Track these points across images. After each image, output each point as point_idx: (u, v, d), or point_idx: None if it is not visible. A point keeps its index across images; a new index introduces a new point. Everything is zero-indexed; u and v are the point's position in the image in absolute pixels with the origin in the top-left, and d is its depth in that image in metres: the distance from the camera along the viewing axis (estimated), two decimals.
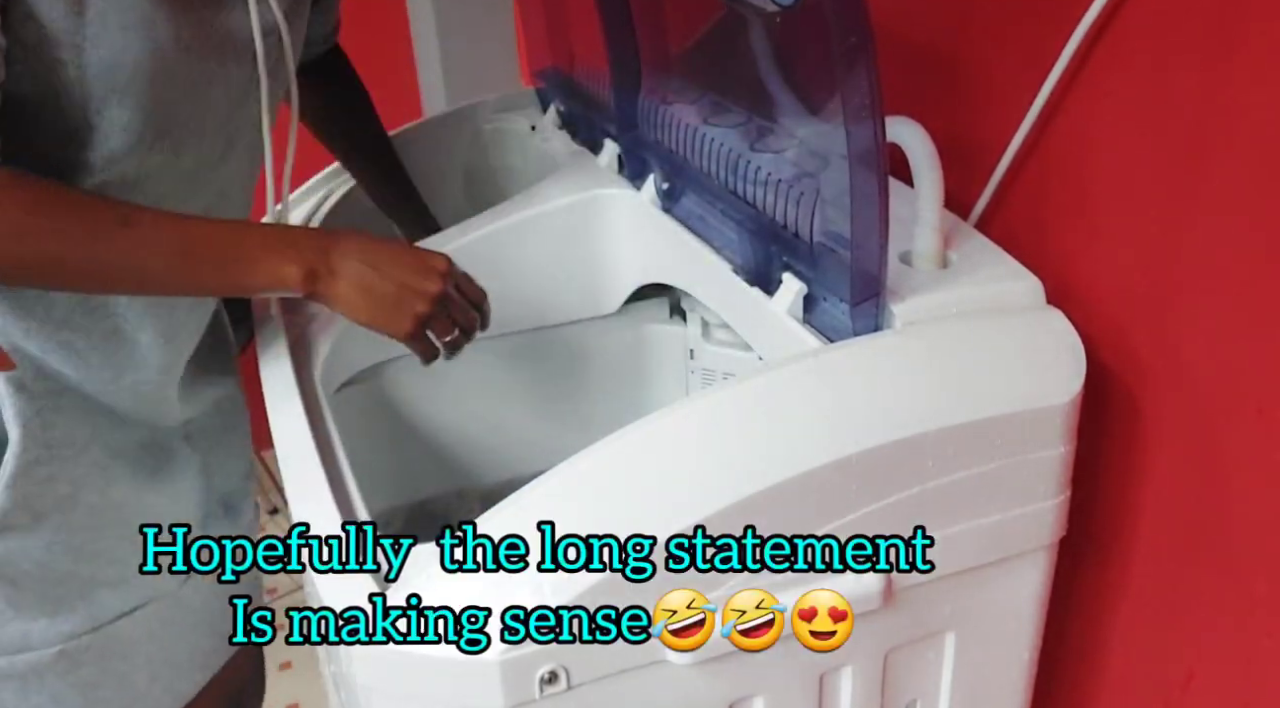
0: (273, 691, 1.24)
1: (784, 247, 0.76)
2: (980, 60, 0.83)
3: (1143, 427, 0.75)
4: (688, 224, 0.88)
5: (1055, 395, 0.68)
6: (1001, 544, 0.70)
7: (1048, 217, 0.80)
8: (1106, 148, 0.74)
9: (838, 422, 0.65)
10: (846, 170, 0.65)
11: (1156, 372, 0.73)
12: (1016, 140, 0.79)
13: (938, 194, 0.74)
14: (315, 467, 0.70)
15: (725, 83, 0.84)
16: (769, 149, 0.78)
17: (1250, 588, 0.70)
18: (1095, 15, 0.70)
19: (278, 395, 0.79)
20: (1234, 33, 0.63)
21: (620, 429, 0.65)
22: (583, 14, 0.97)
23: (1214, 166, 0.66)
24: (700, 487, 0.62)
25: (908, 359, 0.69)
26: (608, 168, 1.00)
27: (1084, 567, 0.83)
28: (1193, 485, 0.73)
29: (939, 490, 0.66)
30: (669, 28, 0.90)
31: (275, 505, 1.94)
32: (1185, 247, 0.69)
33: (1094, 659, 0.85)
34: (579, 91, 1.08)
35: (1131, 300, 0.74)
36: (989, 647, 0.76)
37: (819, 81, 0.69)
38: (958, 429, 0.66)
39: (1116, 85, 0.71)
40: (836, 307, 0.72)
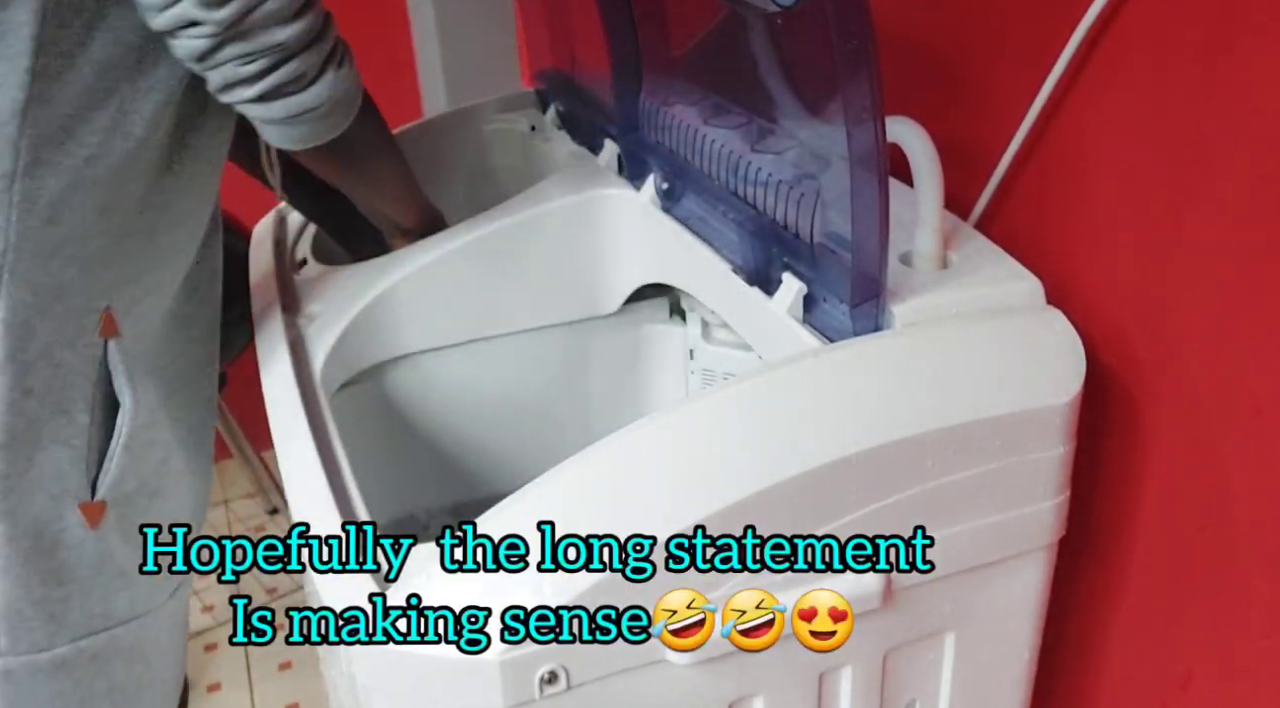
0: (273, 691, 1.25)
1: (784, 247, 0.76)
2: (980, 60, 0.83)
3: (1142, 427, 0.75)
4: (688, 224, 0.88)
5: (1055, 396, 0.69)
6: (1001, 544, 0.71)
7: (1048, 217, 0.80)
8: (1106, 148, 0.74)
9: (837, 422, 0.65)
10: (847, 171, 0.65)
11: (1156, 372, 0.73)
12: (1016, 140, 0.79)
13: (938, 194, 0.74)
14: (315, 467, 0.70)
15: (726, 84, 0.84)
16: (769, 150, 0.78)
17: (1249, 588, 0.70)
18: (1095, 15, 0.70)
19: (278, 395, 0.79)
20: (1234, 33, 0.63)
21: (620, 429, 0.65)
22: (583, 14, 0.98)
23: (1214, 167, 0.66)
24: (700, 487, 0.62)
25: (908, 359, 0.69)
26: (608, 168, 1.00)
27: (1084, 567, 0.83)
28: (1192, 485, 0.73)
29: (939, 490, 0.66)
30: (670, 28, 0.91)
31: (275, 506, 1.94)
32: (1185, 247, 0.69)
33: (1093, 659, 0.85)
34: (579, 92, 1.08)
35: (1131, 300, 0.74)
36: (989, 647, 0.76)
37: (820, 83, 0.69)
38: (958, 429, 0.66)
39: (1116, 85, 0.71)
40: (836, 307, 0.72)
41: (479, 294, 0.94)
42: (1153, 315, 0.73)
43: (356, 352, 0.89)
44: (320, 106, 0.72)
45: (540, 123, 1.18)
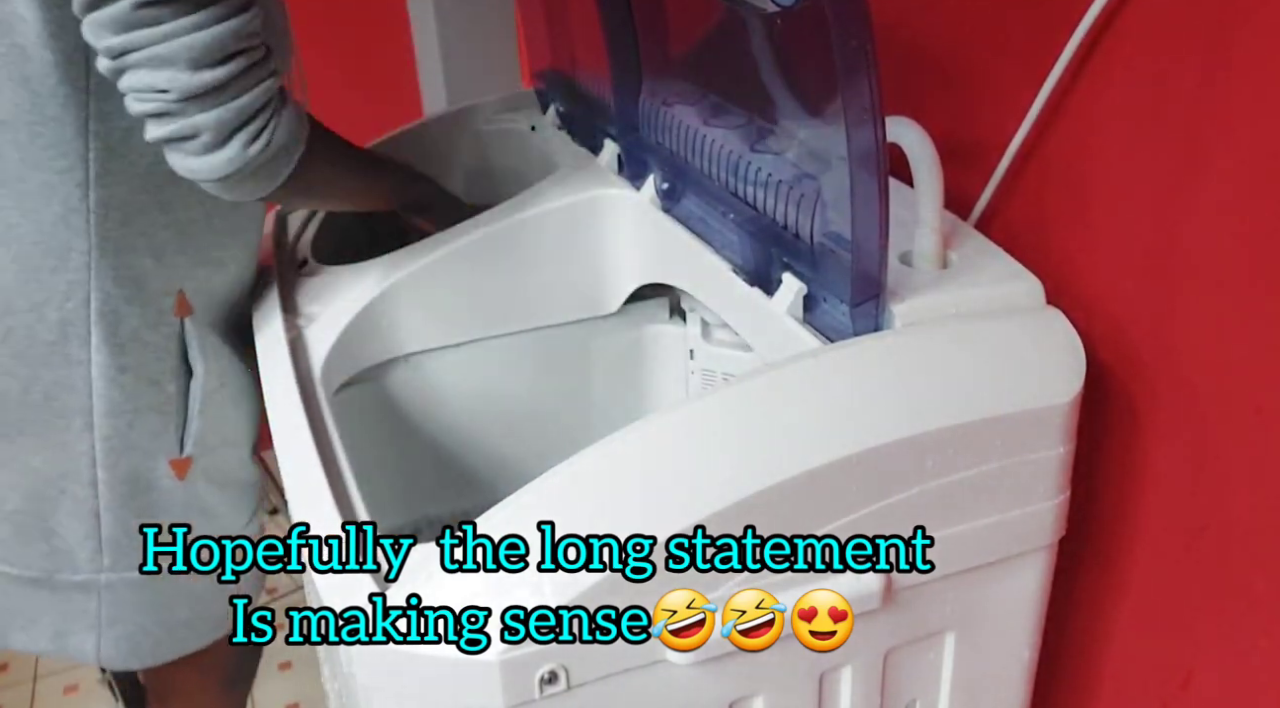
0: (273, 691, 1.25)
1: (784, 247, 0.76)
2: (980, 60, 0.83)
3: (1142, 427, 0.75)
4: (688, 224, 0.89)
5: (1055, 395, 0.69)
6: (1001, 544, 0.71)
7: (1048, 217, 0.80)
8: (1106, 148, 0.74)
9: (837, 422, 0.65)
10: (847, 171, 0.65)
11: (1156, 372, 0.73)
12: (1016, 140, 0.79)
13: (938, 194, 0.74)
14: (315, 467, 0.70)
15: (726, 84, 0.84)
16: (769, 150, 0.78)
17: (1249, 588, 0.70)
18: (1095, 15, 0.70)
19: (278, 395, 0.79)
20: (1234, 33, 0.63)
21: (620, 429, 0.65)
22: (583, 15, 0.98)
23: (1214, 166, 0.66)
24: (700, 487, 0.62)
25: (908, 359, 0.69)
26: (608, 168, 1.00)
27: (1084, 567, 0.83)
28: (1192, 485, 0.73)
29: (939, 490, 0.66)
30: (669, 29, 0.91)
31: (275, 506, 1.94)
32: (1184, 246, 0.69)
33: (1093, 659, 0.85)
34: (579, 92, 1.08)
35: (1131, 300, 0.74)
36: (989, 647, 0.76)
37: (820, 83, 0.69)
38: (958, 429, 0.66)
39: (1116, 85, 0.71)
40: (836, 307, 0.72)
41: (479, 294, 0.94)
42: (1153, 315, 0.73)
43: (356, 352, 0.89)
44: (226, 177, 0.71)
45: (540, 123, 1.18)
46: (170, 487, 0.87)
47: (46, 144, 0.76)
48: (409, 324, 0.92)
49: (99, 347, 0.81)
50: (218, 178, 0.71)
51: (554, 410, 1.03)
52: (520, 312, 0.97)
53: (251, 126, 0.70)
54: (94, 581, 0.88)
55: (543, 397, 1.03)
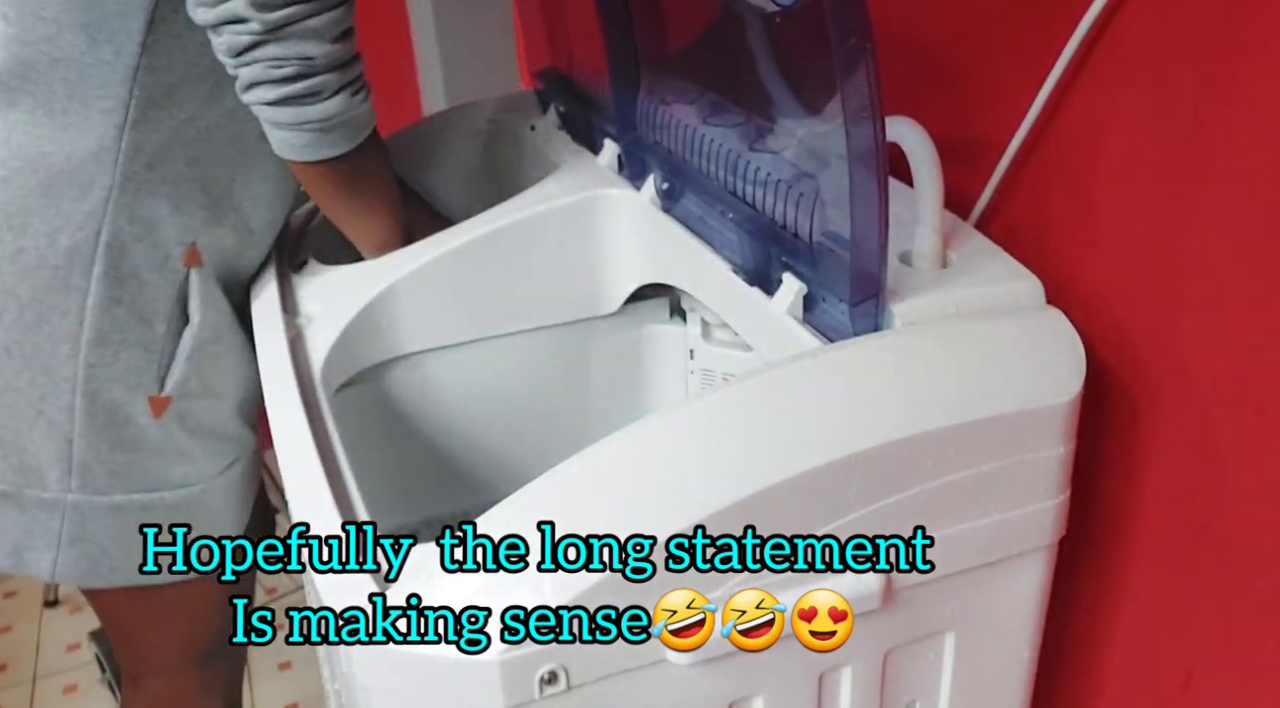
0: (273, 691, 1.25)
1: (783, 247, 0.76)
2: (980, 60, 0.83)
3: (1143, 427, 0.75)
4: (687, 224, 0.88)
5: (1055, 395, 0.69)
6: (1001, 544, 0.71)
7: (1048, 216, 0.80)
8: (1107, 148, 0.74)
9: (837, 422, 0.65)
10: (846, 171, 0.65)
11: (1156, 372, 0.73)
12: (1016, 140, 0.79)
13: (938, 194, 0.74)
14: (315, 467, 0.70)
15: (724, 83, 0.84)
16: (768, 149, 0.78)
17: (1250, 588, 0.70)
18: (1095, 15, 0.70)
19: (278, 395, 0.79)
20: (1234, 33, 0.63)
21: (620, 429, 0.65)
22: (582, 14, 0.98)
23: (1215, 166, 0.66)
24: (700, 487, 0.62)
25: (907, 359, 0.69)
26: (608, 168, 1.00)
27: (1084, 567, 0.83)
28: (1193, 485, 0.73)
29: (939, 490, 0.66)
30: (668, 28, 0.91)
31: (275, 506, 1.93)
32: (1185, 246, 0.69)
33: (1094, 659, 0.85)
34: (578, 92, 1.08)
35: (1131, 300, 0.74)
36: (989, 647, 0.76)
37: (819, 81, 0.69)
38: (958, 429, 0.66)
39: (1117, 84, 0.71)
40: (836, 307, 0.72)
41: (479, 294, 0.94)
42: (1153, 314, 0.73)
43: (356, 352, 0.89)
44: (326, 121, 0.82)
45: (540, 123, 1.18)
46: (145, 423, 0.90)
47: (96, 84, 0.82)
48: (409, 324, 0.92)
49: (100, 277, 0.85)
50: (321, 120, 0.81)
51: (554, 410, 1.03)
52: (520, 312, 0.97)
53: (352, 88, 0.83)
54: (60, 499, 0.90)
55: (542, 397, 1.03)
